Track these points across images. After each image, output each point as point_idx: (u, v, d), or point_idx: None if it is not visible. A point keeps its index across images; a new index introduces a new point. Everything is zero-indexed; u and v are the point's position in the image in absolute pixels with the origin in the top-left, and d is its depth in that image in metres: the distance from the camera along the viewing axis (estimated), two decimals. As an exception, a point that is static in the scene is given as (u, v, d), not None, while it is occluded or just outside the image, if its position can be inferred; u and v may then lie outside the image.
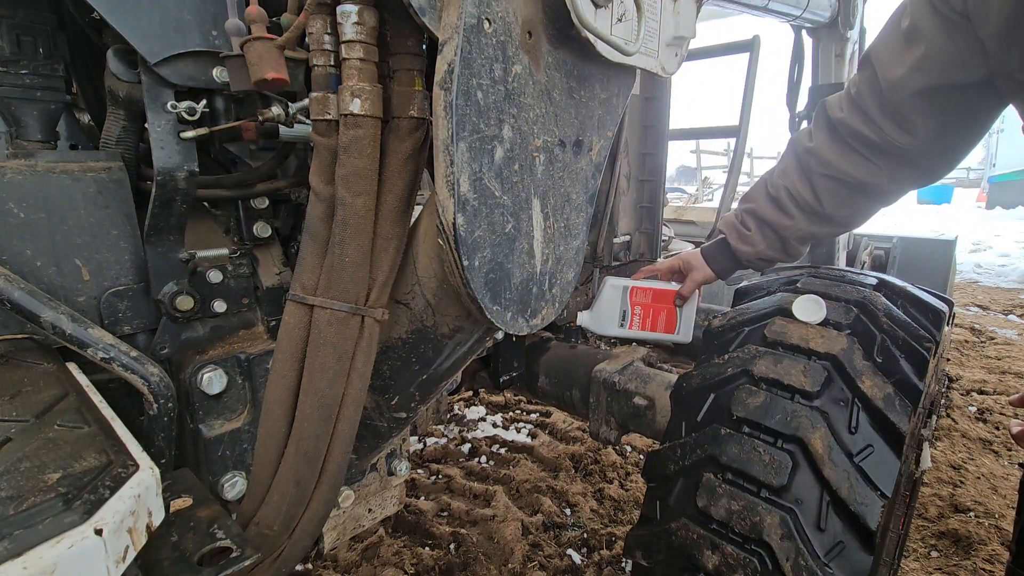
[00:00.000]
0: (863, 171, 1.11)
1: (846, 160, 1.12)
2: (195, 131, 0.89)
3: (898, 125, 1.05)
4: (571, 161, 1.00)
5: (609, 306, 1.64)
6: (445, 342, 1.06)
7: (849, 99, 1.11)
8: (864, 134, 1.08)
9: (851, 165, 1.11)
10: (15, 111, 0.93)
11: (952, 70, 0.98)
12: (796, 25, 2.69)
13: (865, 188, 1.14)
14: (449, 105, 0.75)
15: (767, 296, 1.38)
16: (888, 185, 1.13)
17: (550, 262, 1.00)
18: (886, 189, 1.15)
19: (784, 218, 1.20)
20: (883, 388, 1.08)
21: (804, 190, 1.17)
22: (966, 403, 3.55)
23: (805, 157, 1.16)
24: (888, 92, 1.04)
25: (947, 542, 2.29)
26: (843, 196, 1.16)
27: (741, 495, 1.04)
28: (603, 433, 1.75)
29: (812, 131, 1.18)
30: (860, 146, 1.10)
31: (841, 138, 1.12)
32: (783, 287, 1.38)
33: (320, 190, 0.90)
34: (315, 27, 0.84)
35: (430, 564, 2.11)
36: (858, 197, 1.16)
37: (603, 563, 2.16)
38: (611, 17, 0.90)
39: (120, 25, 0.79)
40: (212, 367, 0.98)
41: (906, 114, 1.04)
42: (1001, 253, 9.08)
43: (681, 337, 1.62)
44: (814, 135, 1.16)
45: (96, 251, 0.90)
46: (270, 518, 0.96)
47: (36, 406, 0.66)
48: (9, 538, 0.45)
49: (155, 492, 0.57)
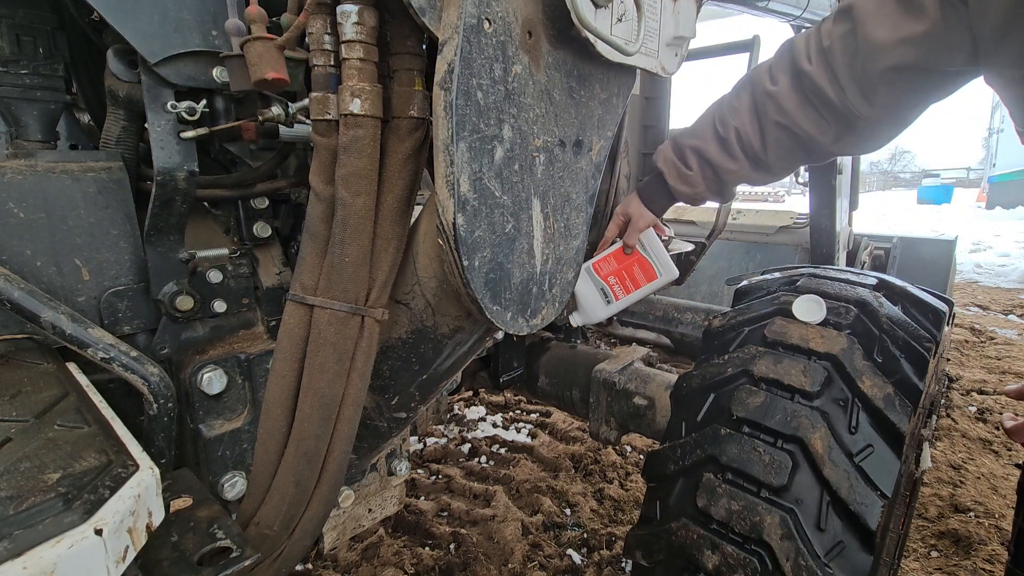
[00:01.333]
0: (815, 127, 1.08)
1: (802, 113, 1.08)
2: (195, 131, 0.89)
3: (861, 93, 1.02)
4: (571, 161, 1.00)
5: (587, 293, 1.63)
6: (445, 342, 1.05)
7: (820, 51, 1.06)
8: (825, 92, 1.05)
9: (806, 119, 1.08)
10: (15, 111, 0.94)
11: (938, 53, 0.96)
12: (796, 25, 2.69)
13: (810, 144, 1.11)
14: (449, 105, 0.75)
15: (767, 296, 1.38)
16: (831, 146, 1.11)
17: (550, 262, 1.00)
18: (827, 150, 1.13)
19: (729, 161, 1.15)
20: (883, 388, 1.08)
21: (754, 135, 1.12)
22: (966, 403, 3.55)
23: (763, 100, 1.11)
24: (865, 56, 1.00)
25: (947, 542, 2.28)
26: (788, 147, 1.13)
27: (741, 495, 1.04)
28: (603, 433, 1.75)
29: (773, 72, 1.12)
30: (818, 102, 1.07)
31: (802, 88, 1.08)
32: (783, 287, 1.38)
33: (320, 190, 0.90)
34: (315, 27, 0.84)
35: (430, 564, 2.11)
36: (799, 152, 1.14)
37: (603, 563, 2.16)
38: (611, 17, 0.90)
39: (120, 25, 0.79)
40: (212, 367, 0.98)
41: (875, 84, 1.01)
42: (1001, 253, 9.08)
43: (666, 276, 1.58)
44: (777, 78, 1.10)
45: (96, 251, 0.90)
46: (270, 518, 0.96)
47: (36, 406, 0.66)
48: (9, 538, 0.45)
49: (155, 492, 0.57)
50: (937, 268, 3.70)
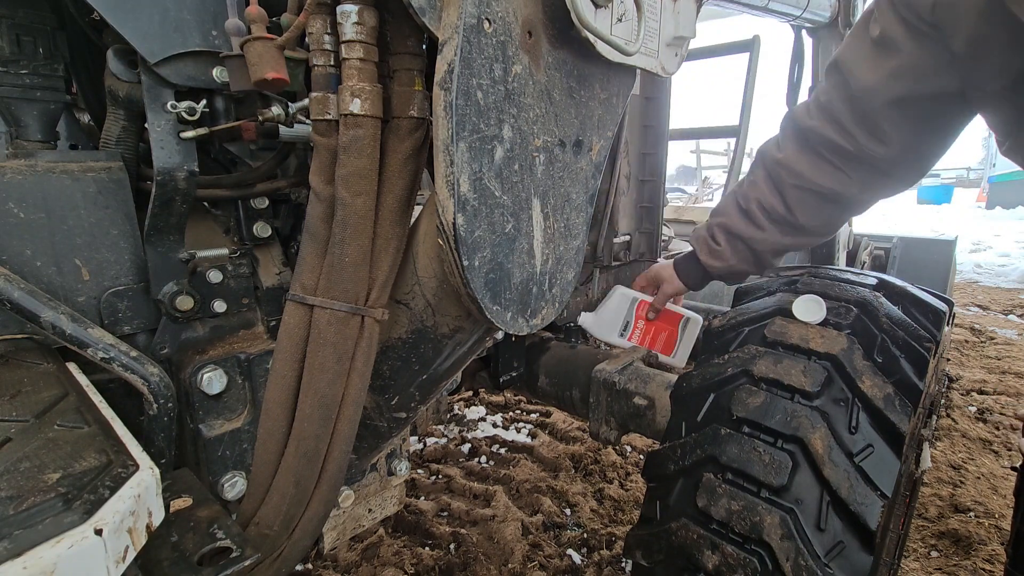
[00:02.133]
0: (835, 181, 1.10)
1: (817, 171, 1.11)
2: (195, 131, 0.89)
3: (871, 134, 1.05)
4: (571, 161, 1.00)
5: (614, 314, 1.65)
6: (445, 342, 1.05)
7: (819, 107, 1.09)
8: (837, 143, 1.07)
9: (822, 175, 1.10)
10: (15, 111, 0.94)
11: (926, 80, 0.98)
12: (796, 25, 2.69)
13: (837, 198, 1.13)
14: (449, 105, 0.75)
15: (767, 296, 1.38)
16: (860, 194, 1.13)
17: (550, 262, 1.00)
18: (858, 198, 1.14)
19: (755, 231, 1.19)
20: (883, 388, 1.08)
21: (776, 202, 1.15)
22: (966, 403, 3.55)
23: (775, 168, 1.15)
24: (862, 100, 1.03)
25: (947, 542, 2.28)
26: (815, 206, 1.15)
27: (741, 495, 1.04)
28: (603, 433, 1.75)
29: (780, 141, 1.16)
30: (832, 155, 1.09)
31: (812, 147, 1.11)
32: (783, 287, 1.38)
33: (320, 190, 0.90)
34: (315, 27, 0.84)
35: (430, 564, 2.11)
36: (830, 207, 1.15)
37: (603, 563, 2.16)
38: (611, 17, 0.90)
39: (120, 25, 0.79)
40: (212, 367, 0.98)
41: (879, 123, 1.03)
42: (1001, 253, 9.08)
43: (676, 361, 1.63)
44: (783, 145, 1.14)
45: (96, 251, 0.90)
46: (270, 518, 0.96)
47: (36, 406, 0.66)
48: (9, 538, 0.45)
49: (155, 492, 0.57)
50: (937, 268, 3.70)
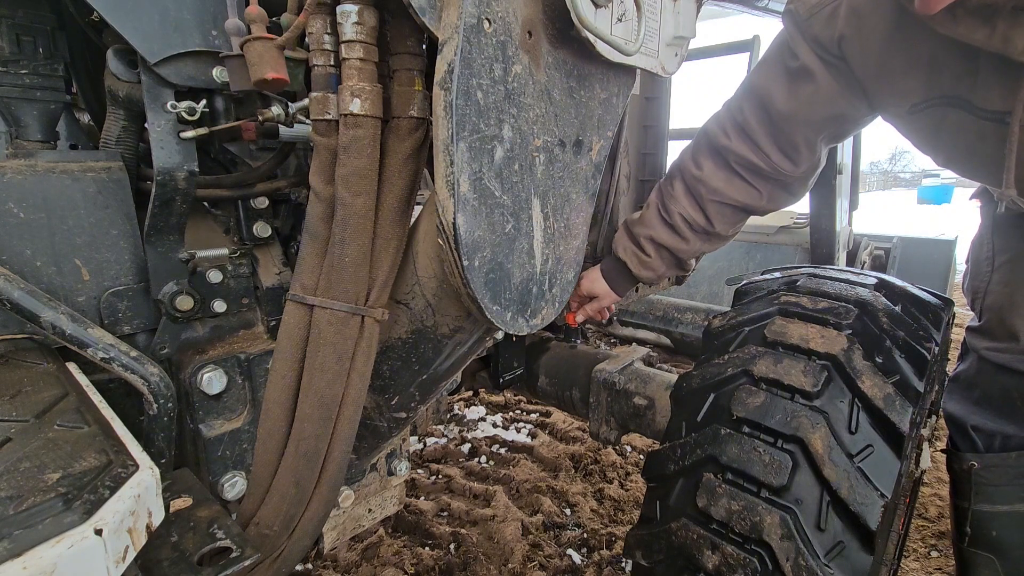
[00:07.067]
0: (747, 195, 1.23)
1: (732, 186, 1.22)
2: (195, 131, 0.89)
3: (785, 154, 1.16)
4: (571, 161, 1.00)
5: None
6: (445, 342, 1.05)
7: (736, 127, 1.19)
8: (752, 161, 1.18)
9: (736, 191, 1.22)
10: (15, 111, 0.94)
11: (842, 104, 1.09)
12: (796, 25, 2.69)
13: (748, 209, 1.27)
14: (449, 105, 0.75)
15: (767, 296, 1.38)
16: (767, 205, 1.27)
17: (550, 262, 1.00)
18: (764, 208, 1.28)
19: (680, 242, 1.29)
20: (883, 388, 1.08)
21: (697, 215, 1.26)
22: (966, 403, 3.54)
23: (694, 184, 1.25)
24: (780, 124, 1.13)
25: (947, 542, 2.28)
26: (730, 216, 1.27)
27: (741, 495, 1.04)
28: (603, 433, 1.75)
29: (696, 158, 1.26)
30: (745, 172, 1.20)
31: (727, 164, 1.22)
32: (783, 287, 1.38)
33: (320, 190, 0.90)
34: (315, 27, 0.84)
35: (430, 564, 2.11)
36: (742, 215, 1.29)
37: (603, 563, 2.16)
38: (611, 17, 0.90)
39: (120, 25, 0.79)
40: (212, 367, 0.98)
41: (796, 144, 1.15)
42: (1001, 253, 9.05)
43: None
44: (700, 162, 1.25)
45: (96, 251, 0.90)
46: (270, 518, 0.96)
47: (36, 406, 0.66)
48: (9, 538, 0.45)
49: (155, 492, 0.57)
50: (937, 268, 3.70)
